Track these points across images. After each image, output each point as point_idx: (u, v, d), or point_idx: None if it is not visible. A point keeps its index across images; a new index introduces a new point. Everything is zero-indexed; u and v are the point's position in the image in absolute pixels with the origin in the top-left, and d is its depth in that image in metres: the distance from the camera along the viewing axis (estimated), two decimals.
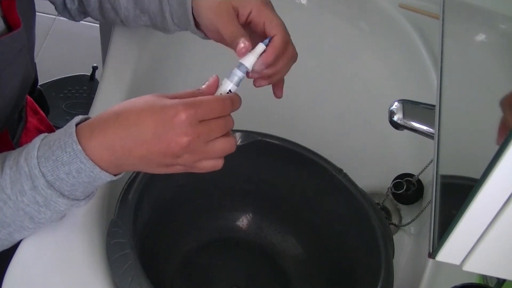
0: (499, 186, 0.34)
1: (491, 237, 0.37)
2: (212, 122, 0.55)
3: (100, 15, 0.81)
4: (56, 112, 1.45)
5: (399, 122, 0.68)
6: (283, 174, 0.78)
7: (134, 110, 0.55)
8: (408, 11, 0.98)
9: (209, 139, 0.55)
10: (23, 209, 0.57)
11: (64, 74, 1.60)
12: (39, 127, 0.92)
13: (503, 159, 0.33)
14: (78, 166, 0.55)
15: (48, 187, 0.55)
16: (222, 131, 0.56)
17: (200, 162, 0.57)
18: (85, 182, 0.56)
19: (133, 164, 0.57)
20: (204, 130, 0.54)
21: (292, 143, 0.76)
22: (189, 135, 0.54)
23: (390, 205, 0.86)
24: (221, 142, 0.56)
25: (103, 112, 0.57)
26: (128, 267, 0.60)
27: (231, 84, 0.59)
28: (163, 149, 0.54)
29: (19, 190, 0.56)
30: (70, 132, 0.55)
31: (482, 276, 0.66)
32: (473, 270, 0.40)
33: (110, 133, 0.55)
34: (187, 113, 0.53)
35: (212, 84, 0.59)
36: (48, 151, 0.55)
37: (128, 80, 0.82)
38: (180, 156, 0.55)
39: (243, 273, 0.78)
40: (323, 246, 0.77)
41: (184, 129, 0.53)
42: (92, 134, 0.55)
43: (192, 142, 0.54)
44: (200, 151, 0.55)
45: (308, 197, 0.78)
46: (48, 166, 0.55)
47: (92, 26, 2.00)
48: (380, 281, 0.64)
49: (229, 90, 0.59)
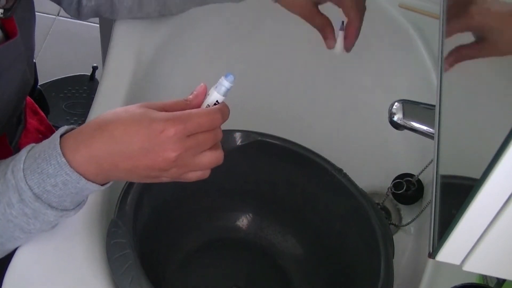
0: (499, 186, 0.34)
1: (491, 237, 0.37)
2: (200, 135, 0.55)
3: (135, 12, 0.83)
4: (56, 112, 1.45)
5: (399, 122, 0.68)
6: (283, 174, 0.78)
7: (121, 123, 0.54)
8: (408, 11, 0.98)
9: (197, 153, 0.55)
10: (12, 221, 0.56)
11: (64, 74, 1.60)
12: (39, 128, 0.92)
13: (503, 159, 0.33)
14: (63, 178, 0.54)
15: (36, 200, 0.55)
16: (211, 144, 0.56)
17: (186, 173, 0.56)
18: (73, 193, 0.56)
19: (119, 176, 0.56)
20: (192, 145, 0.54)
21: (292, 143, 0.76)
22: (177, 151, 0.53)
23: (390, 205, 0.86)
24: (209, 155, 0.56)
25: (88, 123, 0.56)
26: (128, 267, 0.60)
27: (218, 95, 0.58)
28: (150, 164, 0.54)
29: (7, 202, 0.55)
30: (54, 144, 0.54)
31: (482, 276, 0.66)
32: (473, 270, 0.40)
33: (96, 146, 0.54)
34: (175, 128, 0.53)
35: (199, 93, 0.58)
36: (34, 163, 0.54)
37: (128, 80, 0.82)
38: (167, 170, 0.55)
39: (243, 273, 0.78)
40: (323, 246, 0.77)
41: (172, 145, 0.53)
42: (77, 146, 0.54)
43: (180, 157, 0.54)
44: (187, 164, 0.55)
45: (308, 197, 0.78)
46: (34, 179, 0.54)
47: (92, 26, 2.00)
48: (380, 281, 0.64)
49: (217, 101, 0.58)
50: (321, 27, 0.77)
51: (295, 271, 0.78)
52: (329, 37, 0.77)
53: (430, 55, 0.90)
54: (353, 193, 0.72)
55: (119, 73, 0.82)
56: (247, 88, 0.99)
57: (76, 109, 1.49)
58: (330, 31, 0.77)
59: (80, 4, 0.82)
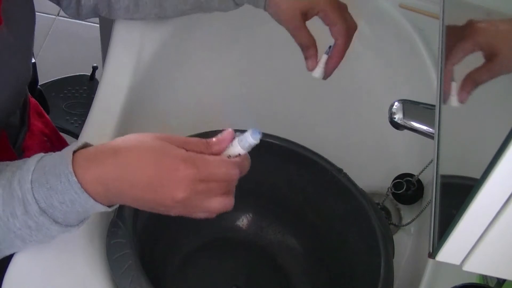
0: (499, 186, 0.34)
1: (491, 237, 0.37)
2: (213, 183, 0.53)
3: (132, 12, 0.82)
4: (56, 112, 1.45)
5: (399, 122, 0.68)
6: (283, 174, 0.78)
7: (136, 151, 0.53)
8: (408, 11, 0.98)
9: (206, 198, 0.54)
10: (14, 231, 0.55)
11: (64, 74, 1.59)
12: (44, 131, 0.91)
13: (503, 159, 0.33)
14: (72, 196, 0.53)
15: (41, 214, 0.54)
16: (222, 192, 0.54)
17: (193, 213, 0.55)
18: (79, 211, 0.55)
19: (125, 202, 0.56)
20: (202, 190, 0.53)
21: (292, 143, 0.75)
22: (186, 193, 0.52)
23: (390, 205, 0.86)
24: (219, 201, 0.54)
25: (104, 144, 0.55)
26: (128, 267, 0.60)
27: (241, 149, 0.56)
28: (156, 199, 0.53)
29: (11, 212, 0.54)
30: (66, 161, 0.53)
31: (482, 276, 0.66)
32: (473, 270, 0.40)
33: (107, 170, 0.53)
34: (189, 171, 0.52)
35: (224, 140, 0.56)
36: (43, 177, 0.53)
37: (128, 80, 0.82)
38: (173, 208, 0.54)
39: (243, 273, 0.78)
40: (323, 246, 0.77)
41: (181, 186, 0.52)
42: (88, 166, 0.53)
43: (188, 199, 0.53)
44: (194, 206, 0.54)
45: (308, 197, 0.78)
46: (41, 193, 0.53)
47: (92, 26, 2.00)
48: (380, 281, 0.64)
49: (239, 153, 0.56)
50: (305, 46, 0.75)
51: (295, 271, 0.78)
52: (311, 58, 0.75)
53: (430, 55, 0.90)
54: (353, 193, 0.72)
55: (119, 73, 0.82)
56: (247, 88, 0.99)
57: (76, 109, 1.48)
58: (313, 53, 0.74)
59: (79, 4, 0.82)
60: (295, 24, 0.74)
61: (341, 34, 0.73)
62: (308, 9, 0.74)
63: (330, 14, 0.73)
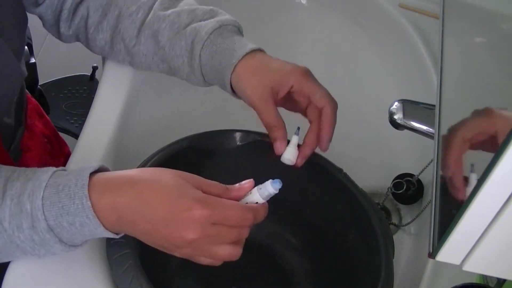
0: (499, 186, 0.34)
1: (491, 237, 0.37)
2: (224, 228, 0.53)
3: (106, 53, 0.79)
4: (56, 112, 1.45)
5: (399, 122, 0.68)
6: (283, 174, 0.78)
7: (152, 186, 0.53)
8: (408, 11, 0.98)
9: (216, 243, 0.54)
10: (17, 244, 0.55)
11: (64, 74, 1.59)
12: (44, 131, 0.90)
13: (503, 159, 0.33)
14: (83, 220, 0.53)
15: (48, 232, 0.53)
16: (232, 240, 0.54)
17: (199, 257, 0.55)
18: (86, 235, 0.55)
19: (134, 234, 0.56)
20: (213, 233, 0.53)
21: None
22: (196, 234, 0.52)
23: (390, 205, 0.86)
24: (227, 249, 0.54)
25: (122, 172, 0.56)
26: (128, 267, 0.60)
27: (260, 198, 0.57)
28: (167, 236, 0.53)
29: (17, 225, 0.54)
30: (82, 184, 0.53)
31: (482, 276, 0.66)
32: (473, 270, 0.40)
33: (123, 200, 0.53)
34: (201, 212, 0.52)
35: (243, 188, 0.57)
36: (55, 195, 0.53)
37: (128, 80, 0.82)
38: (181, 248, 0.54)
39: (243, 273, 0.78)
40: (323, 246, 0.77)
41: (193, 226, 0.52)
42: (104, 192, 0.53)
43: (197, 241, 0.53)
44: (202, 250, 0.54)
45: (308, 197, 0.78)
46: (52, 211, 0.53)
47: None
48: (380, 281, 0.64)
49: (256, 202, 0.57)
50: (273, 126, 0.67)
51: (295, 270, 0.78)
52: (280, 140, 0.67)
53: (430, 55, 0.90)
54: (353, 193, 0.72)
55: (119, 73, 0.82)
56: None
57: (76, 109, 1.48)
58: (282, 134, 0.67)
59: (59, 32, 0.79)
60: (264, 101, 0.67)
61: (327, 99, 0.67)
62: (280, 86, 0.67)
63: (307, 84, 0.67)
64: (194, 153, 0.73)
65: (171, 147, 0.71)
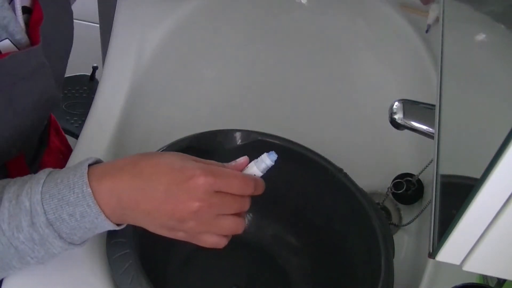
0: (499, 186, 0.34)
1: (491, 237, 0.37)
2: (228, 196, 0.54)
3: None
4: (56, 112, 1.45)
5: (399, 122, 0.68)
6: (283, 174, 0.78)
7: (153, 162, 0.53)
8: (408, 11, 0.98)
9: (220, 212, 0.54)
10: (16, 246, 0.54)
11: None
12: (60, 148, 0.90)
13: (503, 159, 0.33)
14: (83, 209, 0.53)
15: (47, 226, 0.53)
16: (235, 209, 0.55)
17: (203, 234, 0.55)
18: (86, 228, 0.54)
19: (136, 218, 0.55)
20: (217, 202, 0.53)
21: (292, 142, 0.75)
22: (201, 202, 0.52)
23: (390, 205, 0.86)
24: (230, 220, 0.55)
25: (120, 158, 0.56)
26: (128, 267, 0.60)
27: (257, 170, 0.58)
28: (171, 210, 0.53)
29: (17, 225, 0.53)
30: (82, 173, 0.53)
31: (482, 276, 0.66)
32: (473, 270, 0.40)
33: (122, 178, 0.53)
34: (205, 179, 0.52)
35: (240, 164, 0.58)
36: (54, 188, 0.53)
37: (128, 80, 0.82)
38: (185, 222, 0.53)
39: (243, 273, 0.78)
40: (323, 246, 0.77)
41: (197, 195, 0.52)
42: (103, 177, 0.53)
43: (202, 210, 0.52)
44: (207, 222, 0.54)
45: (308, 197, 0.78)
46: (51, 204, 0.53)
47: (92, 26, 2.00)
48: (380, 281, 0.64)
49: (254, 175, 0.58)
50: None
51: (295, 270, 0.78)
52: None
53: (430, 55, 0.90)
54: (353, 193, 0.72)
55: (119, 73, 0.82)
56: (248, 88, 0.99)
57: (76, 109, 1.49)
58: None
59: None
60: None
61: None
62: None
63: None
64: (194, 153, 0.73)
65: (171, 147, 0.71)
